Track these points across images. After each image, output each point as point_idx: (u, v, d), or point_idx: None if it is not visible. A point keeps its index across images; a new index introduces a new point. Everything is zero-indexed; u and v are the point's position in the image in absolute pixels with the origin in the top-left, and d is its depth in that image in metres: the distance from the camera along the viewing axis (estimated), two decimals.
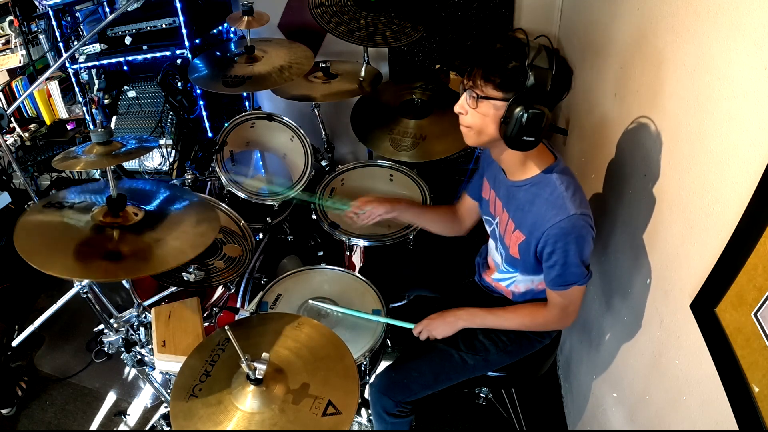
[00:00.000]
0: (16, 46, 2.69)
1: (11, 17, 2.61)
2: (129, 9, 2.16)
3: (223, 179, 2.07)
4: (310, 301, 1.67)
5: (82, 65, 2.53)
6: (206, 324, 1.72)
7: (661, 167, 1.27)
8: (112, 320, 1.59)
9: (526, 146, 1.17)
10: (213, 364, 1.14)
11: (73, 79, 2.61)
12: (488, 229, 1.54)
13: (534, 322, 1.42)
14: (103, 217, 1.28)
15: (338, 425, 1.01)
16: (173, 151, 2.45)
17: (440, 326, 1.49)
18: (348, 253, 2.04)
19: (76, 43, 2.49)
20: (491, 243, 1.55)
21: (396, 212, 1.63)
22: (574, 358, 2.03)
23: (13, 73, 2.76)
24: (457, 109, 1.24)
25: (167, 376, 1.81)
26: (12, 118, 2.69)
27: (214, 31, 2.63)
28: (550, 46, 1.14)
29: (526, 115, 1.11)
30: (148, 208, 1.35)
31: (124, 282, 1.73)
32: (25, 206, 2.74)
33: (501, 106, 1.15)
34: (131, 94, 2.57)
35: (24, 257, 1.11)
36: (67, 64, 2.54)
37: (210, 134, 2.56)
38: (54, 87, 2.76)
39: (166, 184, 1.48)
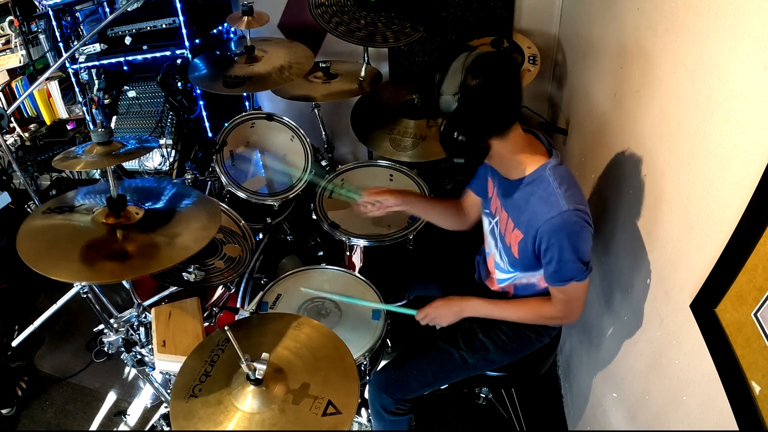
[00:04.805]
0: (16, 46, 2.68)
1: (11, 17, 2.61)
2: (129, 9, 2.16)
3: (224, 179, 2.07)
4: (302, 288, 1.68)
5: (82, 65, 2.52)
6: (206, 324, 1.72)
7: (661, 167, 1.27)
8: (112, 320, 1.59)
9: (461, 164, 1.26)
10: (213, 364, 1.14)
11: (73, 79, 2.61)
12: (487, 228, 1.54)
13: (539, 316, 1.42)
14: (105, 218, 1.28)
15: (338, 425, 1.01)
16: (173, 151, 2.45)
17: (445, 315, 1.49)
18: (348, 253, 2.04)
19: (76, 43, 2.49)
20: (490, 241, 1.55)
21: (407, 205, 1.61)
22: (574, 358, 2.03)
23: (13, 73, 2.76)
24: None
25: (167, 376, 1.81)
26: (12, 118, 2.69)
27: (214, 31, 2.63)
28: (480, 62, 1.16)
29: (445, 136, 1.23)
30: (147, 205, 1.35)
31: (124, 282, 1.73)
32: (26, 206, 2.74)
33: None
34: (131, 94, 2.57)
35: (30, 264, 1.12)
36: (67, 64, 2.53)
37: (210, 134, 2.56)
38: (54, 87, 2.76)
39: (164, 181, 1.49)
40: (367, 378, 1.63)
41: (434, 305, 1.51)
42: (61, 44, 2.54)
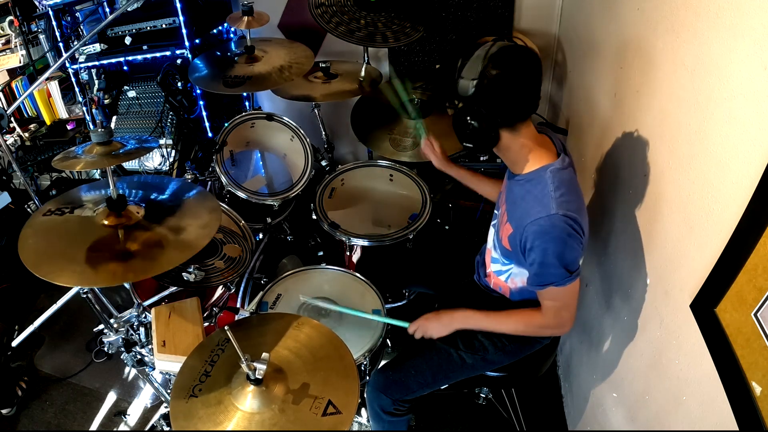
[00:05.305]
0: (16, 46, 2.68)
1: (11, 17, 2.61)
2: (129, 9, 2.16)
3: (224, 179, 2.07)
4: (301, 297, 1.68)
5: (82, 65, 2.53)
6: (206, 324, 1.72)
7: (661, 167, 1.27)
8: (112, 320, 1.59)
9: (469, 148, 1.30)
10: (213, 364, 1.14)
11: (73, 79, 2.61)
12: (492, 221, 1.55)
13: (530, 326, 1.40)
14: (107, 219, 1.27)
15: (338, 425, 1.01)
16: (173, 151, 2.45)
17: (435, 326, 1.49)
18: (348, 253, 2.04)
19: (76, 43, 2.49)
20: (491, 233, 1.55)
21: (446, 169, 1.82)
22: (574, 358, 2.03)
23: (13, 73, 2.76)
24: None
25: (167, 376, 1.81)
26: (12, 118, 2.69)
27: (214, 31, 2.63)
28: (503, 50, 1.17)
29: (458, 119, 1.26)
30: (148, 201, 1.36)
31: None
32: (26, 206, 2.74)
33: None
34: (131, 94, 2.57)
35: (33, 270, 1.12)
36: (67, 64, 2.53)
37: (210, 134, 2.56)
38: (54, 87, 2.76)
39: (161, 178, 1.49)
40: (367, 378, 1.63)
41: (425, 317, 1.52)
42: (61, 44, 2.54)
